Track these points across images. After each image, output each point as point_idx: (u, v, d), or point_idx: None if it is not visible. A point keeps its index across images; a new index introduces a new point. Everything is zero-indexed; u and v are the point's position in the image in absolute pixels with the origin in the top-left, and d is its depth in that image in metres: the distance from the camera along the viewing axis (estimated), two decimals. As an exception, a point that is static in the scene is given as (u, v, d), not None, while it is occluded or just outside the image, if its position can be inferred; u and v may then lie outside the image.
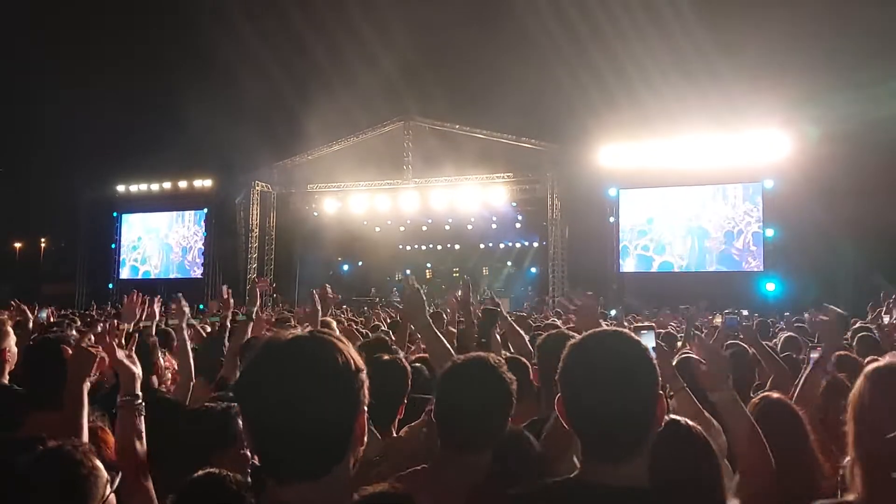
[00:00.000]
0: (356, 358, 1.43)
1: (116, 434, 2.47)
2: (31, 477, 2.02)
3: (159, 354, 4.06)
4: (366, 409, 1.44)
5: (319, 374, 1.36)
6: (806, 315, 13.42)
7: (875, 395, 2.00)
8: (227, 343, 4.67)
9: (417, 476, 2.18)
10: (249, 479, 2.43)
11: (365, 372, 1.44)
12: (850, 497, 1.94)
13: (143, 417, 2.52)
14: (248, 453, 2.50)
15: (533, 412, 2.97)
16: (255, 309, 4.98)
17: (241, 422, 1.48)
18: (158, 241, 30.93)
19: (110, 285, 30.32)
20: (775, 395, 2.95)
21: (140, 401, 2.52)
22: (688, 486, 1.96)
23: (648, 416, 1.71)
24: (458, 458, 2.17)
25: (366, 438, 1.46)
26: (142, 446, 2.45)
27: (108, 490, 2.08)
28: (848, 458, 1.98)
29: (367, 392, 1.44)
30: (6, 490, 2.01)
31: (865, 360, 3.02)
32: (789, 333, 6.27)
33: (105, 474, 2.09)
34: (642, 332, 2.82)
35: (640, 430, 1.70)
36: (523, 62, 27.09)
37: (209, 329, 6.82)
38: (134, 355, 2.69)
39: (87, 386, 2.63)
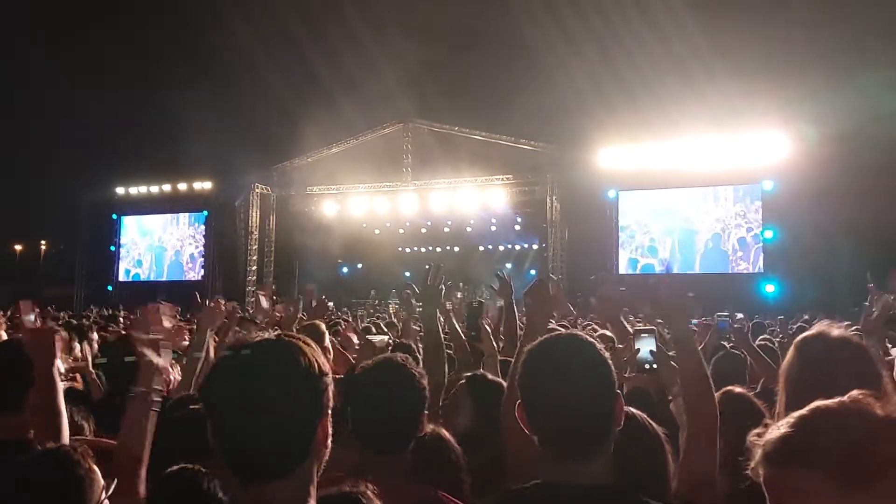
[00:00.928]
0: (321, 361, 1.43)
1: (122, 426, 2.37)
2: (29, 477, 2.02)
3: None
4: (330, 412, 1.44)
5: (279, 376, 1.36)
6: (805, 317, 13.40)
7: (802, 363, 2.02)
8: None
9: (340, 482, 2.17)
10: None
11: (330, 377, 1.43)
12: None
13: (154, 415, 2.40)
14: None
15: None
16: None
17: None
18: (158, 244, 30.97)
19: (109, 287, 30.37)
20: (737, 389, 2.97)
21: (156, 397, 2.40)
22: (644, 478, 1.98)
23: (608, 415, 1.74)
24: (376, 461, 2.17)
25: (329, 443, 1.45)
26: (145, 445, 2.36)
27: (104, 495, 2.07)
28: None
29: (331, 396, 1.44)
30: (3, 491, 2.00)
31: None
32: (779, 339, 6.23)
33: (101, 478, 2.08)
34: (643, 335, 2.77)
35: (600, 429, 1.73)
36: (522, 64, 27.19)
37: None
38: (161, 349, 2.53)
39: (56, 368, 2.55)
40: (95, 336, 6.16)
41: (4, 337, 3.74)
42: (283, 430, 1.35)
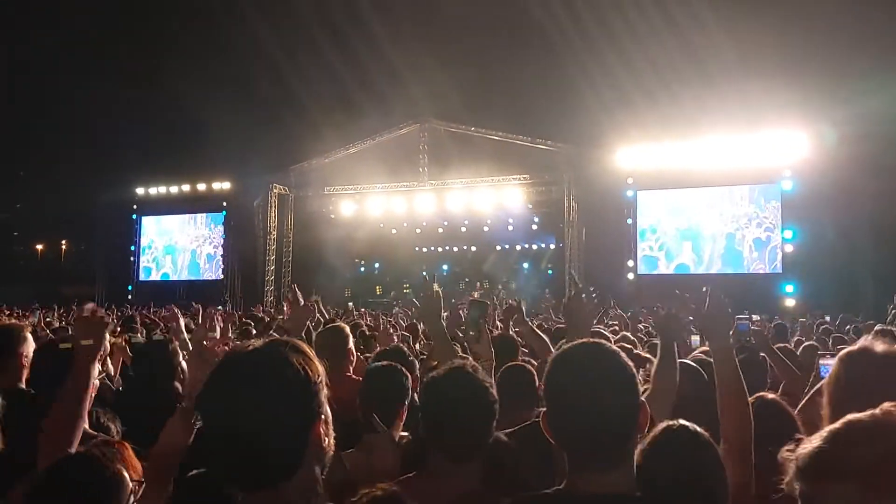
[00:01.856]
0: (312, 368, 1.45)
1: (163, 435, 2.42)
2: (59, 480, 2.06)
3: (181, 359, 4.10)
4: (325, 416, 1.47)
5: (266, 384, 1.40)
6: (827, 318, 13.25)
7: (848, 378, 2.03)
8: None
9: (409, 483, 2.22)
10: None
11: (321, 382, 1.46)
12: None
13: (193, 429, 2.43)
14: None
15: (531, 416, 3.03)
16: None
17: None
18: (177, 244, 31.22)
19: (130, 287, 30.65)
20: (770, 395, 2.97)
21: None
22: (683, 490, 1.98)
23: (630, 424, 1.75)
24: (448, 466, 2.22)
25: (328, 445, 1.48)
26: (178, 454, 2.42)
27: (132, 499, 2.12)
28: None
29: (323, 400, 1.46)
30: (35, 493, 2.05)
31: None
32: (810, 342, 6.20)
33: (129, 481, 2.12)
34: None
35: (622, 438, 1.75)
36: (539, 63, 27.08)
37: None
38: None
39: (95, 367, 2.56)
40: (108, 337, 6.22)
41: (31, 340, 3.77)
42: (275, 437, 1.38)
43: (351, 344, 4.44)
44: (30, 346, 3.60)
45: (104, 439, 2.55)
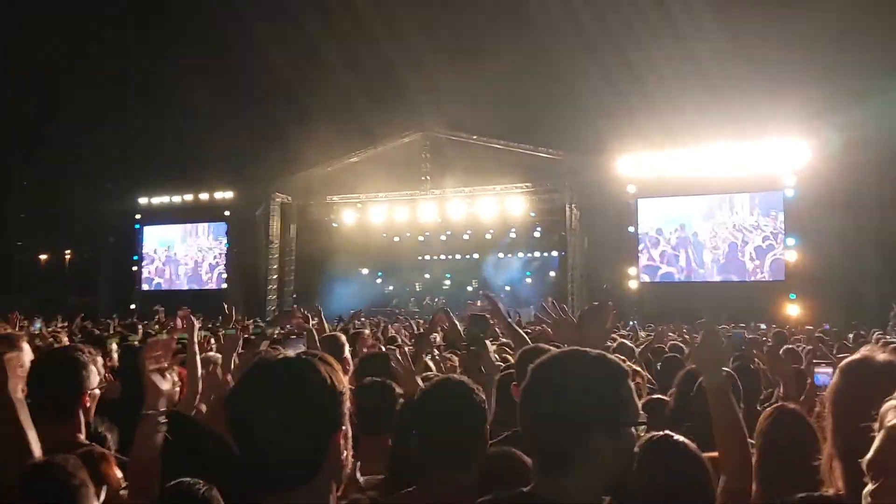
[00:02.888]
0: (336, 378, 1.49)
1: (133, 446, 2.47)
2: (23, 490, 2.09)
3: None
4: (345, 428, 1.49)
5: (292, 389, 1.44)
6: (826, 326, 13.24)
7: (849, 388, 2.04)
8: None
9: (405, 498, 2.23)
10: None
11: (345, 394, 1.49)
12: (830, 491, 1.98)
13: (161, 434, 2.48)
14: None
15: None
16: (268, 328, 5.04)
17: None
18: (179, 253, 31.27)
19: (133, 296, 30.69)
20: (790, 405, 2.97)
21: (162, 417, 2.49)
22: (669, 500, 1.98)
23: (576, 432, 1.68)
24: (442, 478, 2.22)
25: (345, 459, 1.50)
26: (155, 462, 2.46)
27: (96, 503, 2.15)
28: (825, 453, 2.02)
29: (345, 412, 1.49)
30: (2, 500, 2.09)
31: None
32: (788, 346, 6.23)
33: (93, 488, 2.15)
34: None
35: (569, 448, 1.68)
36: (541, 71, 27.14)
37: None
38: (168, 372, 2.59)
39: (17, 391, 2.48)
40: (115, 346, 6.29)
41: (28, 350, 3.76)
42: (295, 443, 1.42)
43: (347, 353, 4.47)
44: (26, 356, 3.61)
45: (88, 450, 2.58)
